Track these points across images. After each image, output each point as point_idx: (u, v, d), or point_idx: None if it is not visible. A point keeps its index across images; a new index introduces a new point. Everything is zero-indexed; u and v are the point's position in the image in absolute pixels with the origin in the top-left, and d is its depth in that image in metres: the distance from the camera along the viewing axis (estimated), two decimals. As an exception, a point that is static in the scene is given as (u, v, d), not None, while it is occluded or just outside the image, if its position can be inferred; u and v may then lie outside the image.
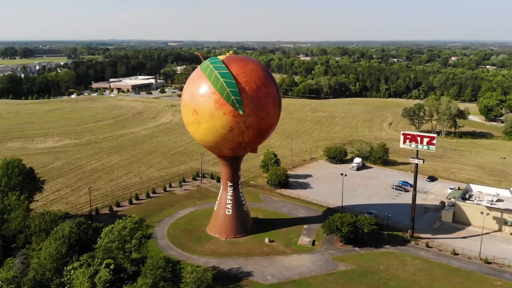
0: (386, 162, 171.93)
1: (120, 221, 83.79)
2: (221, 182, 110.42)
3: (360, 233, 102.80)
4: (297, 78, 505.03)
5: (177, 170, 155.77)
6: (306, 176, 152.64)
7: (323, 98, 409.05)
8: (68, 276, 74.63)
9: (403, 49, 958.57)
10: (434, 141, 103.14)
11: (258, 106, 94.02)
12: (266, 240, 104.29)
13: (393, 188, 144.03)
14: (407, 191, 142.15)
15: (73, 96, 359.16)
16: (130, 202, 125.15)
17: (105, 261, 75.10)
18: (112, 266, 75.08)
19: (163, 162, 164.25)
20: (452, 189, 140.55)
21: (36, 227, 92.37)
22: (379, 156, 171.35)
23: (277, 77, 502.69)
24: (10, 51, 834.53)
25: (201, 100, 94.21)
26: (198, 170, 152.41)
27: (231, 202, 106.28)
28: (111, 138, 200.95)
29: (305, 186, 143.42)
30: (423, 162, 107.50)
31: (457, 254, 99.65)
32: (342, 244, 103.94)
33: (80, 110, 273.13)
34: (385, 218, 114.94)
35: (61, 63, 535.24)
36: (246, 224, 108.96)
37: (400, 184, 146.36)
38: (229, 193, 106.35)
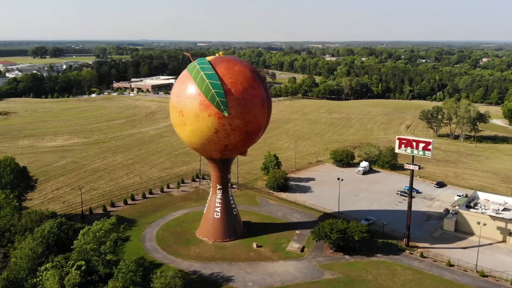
0: (394, 166, 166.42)
1: (98, 222, 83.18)
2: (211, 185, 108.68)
3: (351, 241, 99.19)
4: (319, 78, 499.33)
5: (179, 171, 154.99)
6: (308, 180, 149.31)
7: (343, 99, 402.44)
8: (41, 277, 74.51)
9: (433, 50, 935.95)
10: (430, 147, 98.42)
11: (244, 108, 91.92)
12: (254, 245, 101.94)
13: (397, 193, 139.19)
14: (412, 197, 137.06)
15: (93, 95, 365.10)
16: (125, 203, 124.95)
17: (76, 263, 74.55)
18: (83, 268, 74.50)
19: (166, 163, 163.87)
20: (460, 196, 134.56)
21: (22, 226, 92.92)
22: (388, 160, 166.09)
23: (299, 77, 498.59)
24: (40, 50, 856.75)
25: (187, 102, 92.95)
26: (199, 171, 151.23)
27: (220, 205, 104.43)
28: (119, 137, 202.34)
29: (306, 190, 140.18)
30: (419, 168, 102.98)
31: (453, 266, 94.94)
32: (332, 251, 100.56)
33: (95, 109, 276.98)
34: (382, 225, 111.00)
35: (89, 63, 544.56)
36: (235, 228, 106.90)
37: (406, 190, 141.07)
38: (218, 196, 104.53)
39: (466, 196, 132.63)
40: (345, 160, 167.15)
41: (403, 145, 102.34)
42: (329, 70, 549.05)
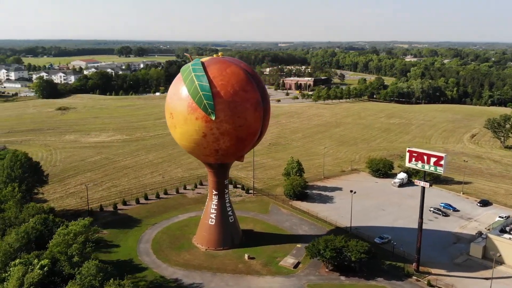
0: (437, 179, 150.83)
1: (74, 222, 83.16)
2: (208, 190, 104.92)
3: (348, 260, 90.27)
4: (391, 80, 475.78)
5: (203, 172, 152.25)
6: (334, 189, 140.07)
7: (413, 103, 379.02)
8: (9, 272, 75.65)
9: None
10: (442, 162, 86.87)
11: (234, 111, 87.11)
12: (246, 256, 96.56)
13: (430, 210, 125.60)
14: (446, 215, 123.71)
15: (157, 94, 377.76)
16: (137, 202, 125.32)
17: (40, 262, 74.68)
18: (46, 268, 74.45)
19: (193, 163, 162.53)
20: (502, 217, 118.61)
21: (19, 220, 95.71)
22: (429, 173, 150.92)
23: (371, 78, 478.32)
24: (125, 49, 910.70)
25: (176, 104, 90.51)
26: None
27: (215, 212, 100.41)
28: (159, 136, 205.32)
29: (327, 200, 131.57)
30: (430, 186, 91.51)
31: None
32: (328, 270, 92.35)
33: (149, 107, 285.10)
34: (396, 246, 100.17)
35: (161, 62, 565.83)
36: (232, 236, 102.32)
37: (441, 207, 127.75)
38: (213, 202, 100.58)
39: (508, 217, 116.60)
40: (382, 170, 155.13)
41: (413, 159, 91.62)
42: (402, 72, 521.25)
